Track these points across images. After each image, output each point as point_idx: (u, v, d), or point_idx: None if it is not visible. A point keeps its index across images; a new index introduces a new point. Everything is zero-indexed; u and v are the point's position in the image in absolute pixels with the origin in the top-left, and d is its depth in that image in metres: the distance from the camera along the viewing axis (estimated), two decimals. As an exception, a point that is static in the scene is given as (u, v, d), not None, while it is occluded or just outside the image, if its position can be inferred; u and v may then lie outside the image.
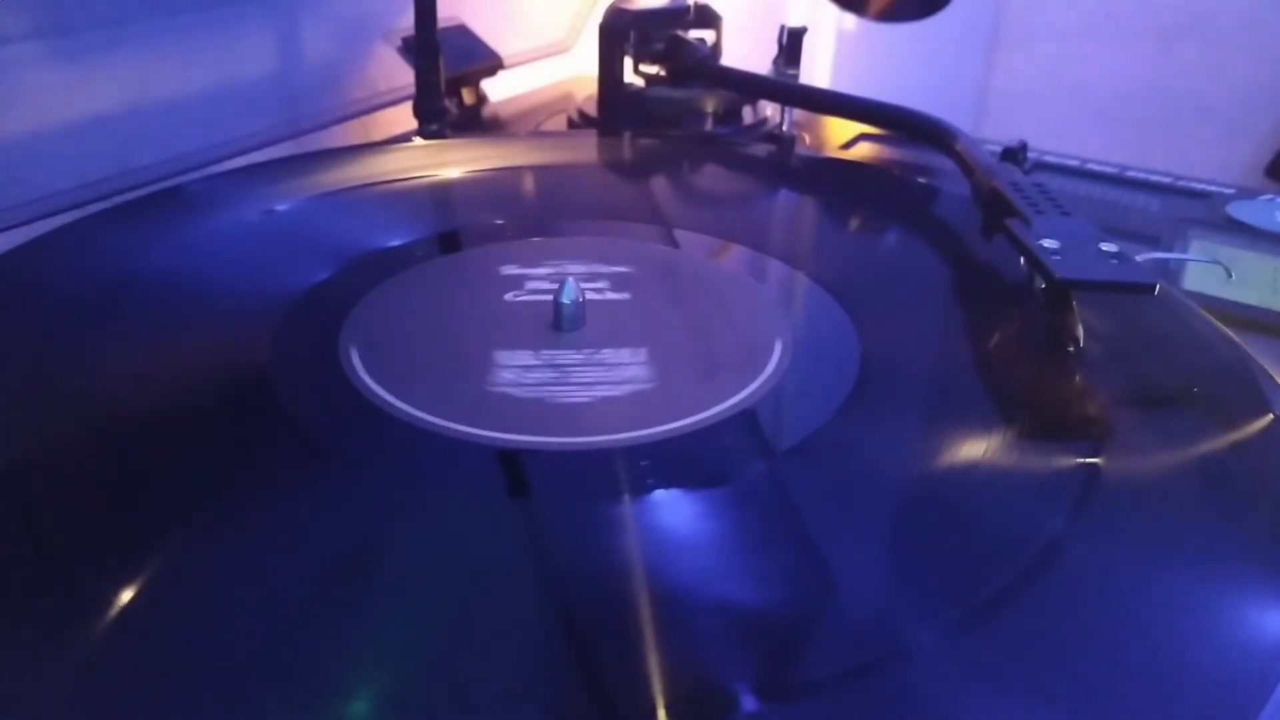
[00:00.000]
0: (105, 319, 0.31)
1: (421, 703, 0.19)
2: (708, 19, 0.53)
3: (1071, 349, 0.30)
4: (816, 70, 0.87)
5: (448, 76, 0.49)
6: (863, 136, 0.56)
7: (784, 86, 0.50)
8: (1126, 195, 0.51)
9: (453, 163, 0.46)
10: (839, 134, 0.57)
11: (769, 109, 0.54)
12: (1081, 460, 0.26)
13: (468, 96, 0.58)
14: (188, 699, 0.18)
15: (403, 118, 0.53)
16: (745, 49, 0.56)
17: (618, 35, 0.52)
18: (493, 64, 0.58)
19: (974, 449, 0.26)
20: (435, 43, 0.47)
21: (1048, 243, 0.32)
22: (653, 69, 0.53)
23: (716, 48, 0.54)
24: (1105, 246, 0.31)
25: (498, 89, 0.60)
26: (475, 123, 0.57)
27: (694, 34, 0.53)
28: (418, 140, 0.48)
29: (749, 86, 0.51)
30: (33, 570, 0.21)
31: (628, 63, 0.53)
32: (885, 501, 0.25)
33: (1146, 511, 0.24)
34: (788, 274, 0.36)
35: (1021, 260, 0.33)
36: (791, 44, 0.50)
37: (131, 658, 0.19)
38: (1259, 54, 0.96)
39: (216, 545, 0.23)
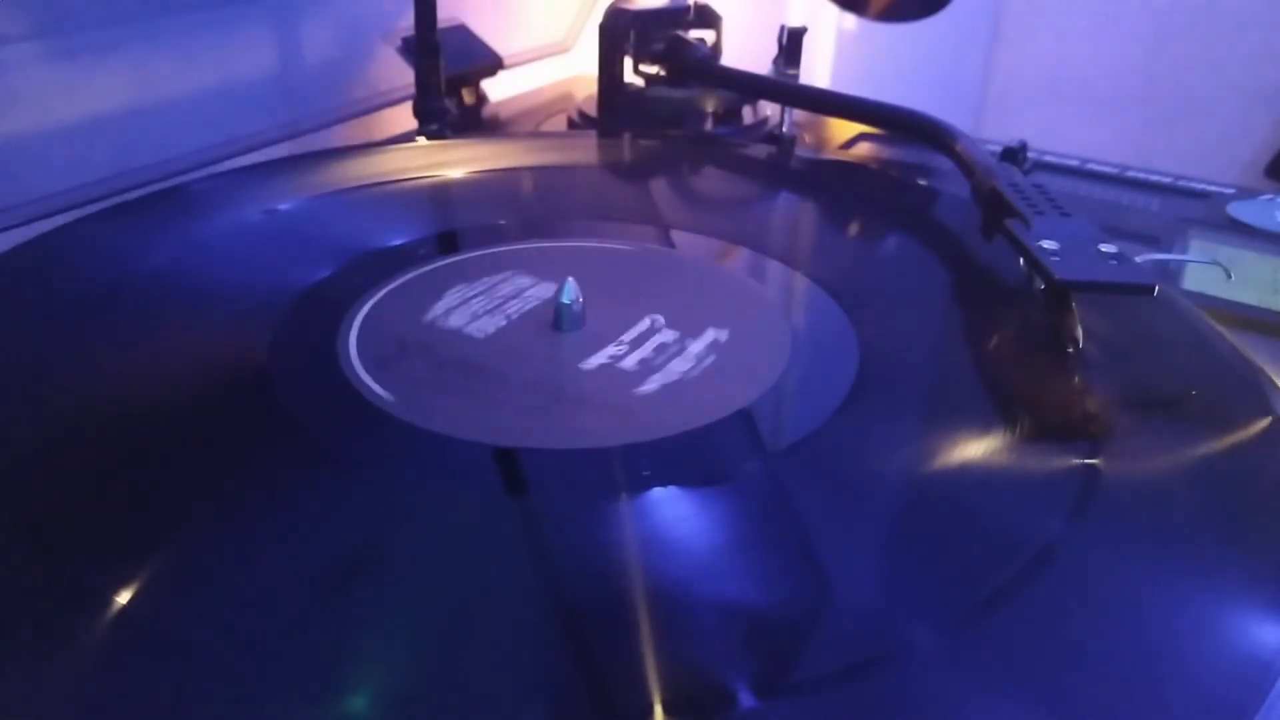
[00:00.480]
0: (105, 319, 0.31)
1: (420, 702, 0.19)
2: (708, 19, 0.53)
3: (1071, 350, 0.30)
4: (816, 70, 0.87)
5: (448, 76, 0.49)
6: (863, 136, 0.56)
7: (784, 86, 0.50)
8: (1126, 195, 0.51)
9: (453, 163, 0.46)
10: (839, 134, 0.57)
11: (769, 109, 0.54)
12: (1080, 461, 0.26)
13: (468, 96, 0.58)
14: (187, 699, 0.18)
15: (403, 118, 0.53)
16: (745, 49, 0.56)
17: (618, 35, 0.52)
18: (493, 64, 0.58)
19: (973, 450, 0.26)
20: (435, 43, 0.47)
21: (1047, 243, 0.32)
22: (653, 69, 0.53)
23: (716, 48, 0.54)
24: (1105, 247, 0.31)
25: (498, 89, 0.60)
26: (475, 123, 0.57)
27: (694, 34, 0.53)
28: (421, 140, 0.48)
29: (749, 86, 0.51)
30: (33, 570, 0.21)
31: (628, 63, 0.53)
32: (883, 502, 0.25)
33: (1145, 513, 0.24)
34: (786, 274, 0.36)
35: (1021, 261, 0.33)
36: (791, 44, 0.50)
37: (131, 657, 0.19)
38: (1259, 54, 0.96)
39: (216, 544, 0.23)
